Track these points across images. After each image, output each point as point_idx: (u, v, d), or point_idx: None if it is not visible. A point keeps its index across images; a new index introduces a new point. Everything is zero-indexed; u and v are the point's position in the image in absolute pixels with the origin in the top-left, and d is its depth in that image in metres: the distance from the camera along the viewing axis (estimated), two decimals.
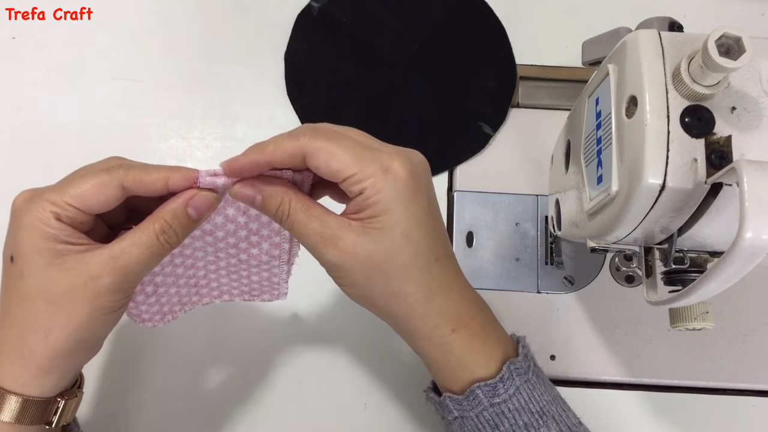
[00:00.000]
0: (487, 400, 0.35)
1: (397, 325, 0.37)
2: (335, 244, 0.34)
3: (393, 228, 0.33)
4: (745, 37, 0.28)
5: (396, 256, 0.34)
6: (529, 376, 0.36)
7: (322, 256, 0.34)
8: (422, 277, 0.35)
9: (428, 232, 0.34)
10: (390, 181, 0.33)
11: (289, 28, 0.57)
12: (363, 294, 0.35)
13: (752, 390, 0.50)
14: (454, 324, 0.36)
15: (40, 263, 0.33)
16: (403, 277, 0.34)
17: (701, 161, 0.30)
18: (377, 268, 0.34)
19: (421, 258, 0.34)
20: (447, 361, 0.36)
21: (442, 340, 0.36)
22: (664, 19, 0.37)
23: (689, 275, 0.36)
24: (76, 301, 0.33)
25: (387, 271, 0.34)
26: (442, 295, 0.35)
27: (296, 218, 0.34)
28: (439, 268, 0.35)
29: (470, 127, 0.55)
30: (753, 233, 0.27)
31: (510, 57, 0.57)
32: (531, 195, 0.54)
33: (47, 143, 0.54)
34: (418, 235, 0.34)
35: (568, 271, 0.52)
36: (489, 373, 0.36)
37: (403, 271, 0.34)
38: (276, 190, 0.35)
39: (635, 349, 0.50)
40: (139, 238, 0.34)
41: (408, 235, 0.34)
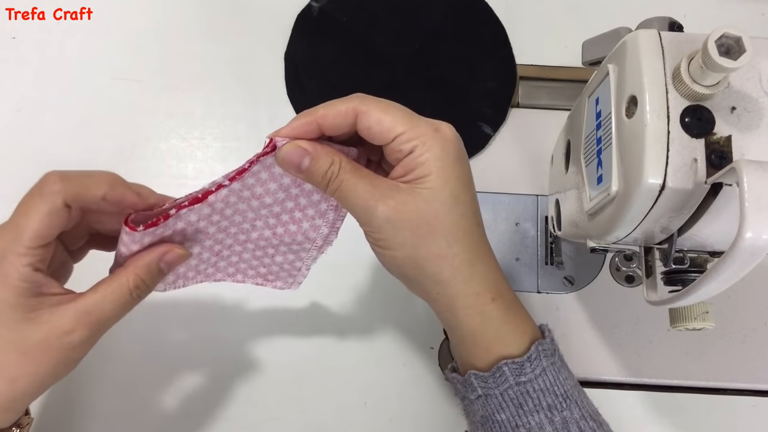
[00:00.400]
0: (513, 378, 0.35)
1: (441, 292, 0.36)
2: (386, 201, 0.34)
3: (443, 188, 0.34)
4: (745, 37, 0.28)
5: (446, 215, 0.34)
6: (555, 359, 0.36)
7: (372, 215, 0.34)
8: (468, 239, 0.35)
9: (473, 195, 0.35)
10: (440, 140, 0.34)
11: (289, 28, 0.57)
12: (410, 255, 0.35)
13: (752, 390, 0.50)
14: (494, 293, 0.36)
15: (13, 317, 0.33)
16: (451, 238, 0.34)
17: (701, 161, 0.30)
18: (427, 227, 0.34)
19: (468, 220, 0.35)
20: (485, 332, 0.36)
21: (482, 308, 0.36)
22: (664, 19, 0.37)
23: (689, 275, 0.36)
24: (47, 354, 0.34)
25: (436, 230, 0.34)
26: (484, 261, 0.36)
27: (345, 178, 0.34)
28: (480, 233, 0.36)
29: (470, 127, 0.55)
30: (753, 233, 0.27)
31: (510, 57, 0.57)
32: (531, 195, 0.54)
33: (47, 143, 0.54)
34: (465, 197, 0.34)
35: (568, 271, 0.52)
36: (518, 351, 0.36)
37: (452, 232, 0.34)
38: (326, 150, 0.35)
39: (635, 349, 0.50)
40: (111, 293, 0.34)
41: (456, 196, 0.34)
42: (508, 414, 0.35)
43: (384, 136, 0.34)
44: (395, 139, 0.34)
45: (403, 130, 0.33)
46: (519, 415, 0.35)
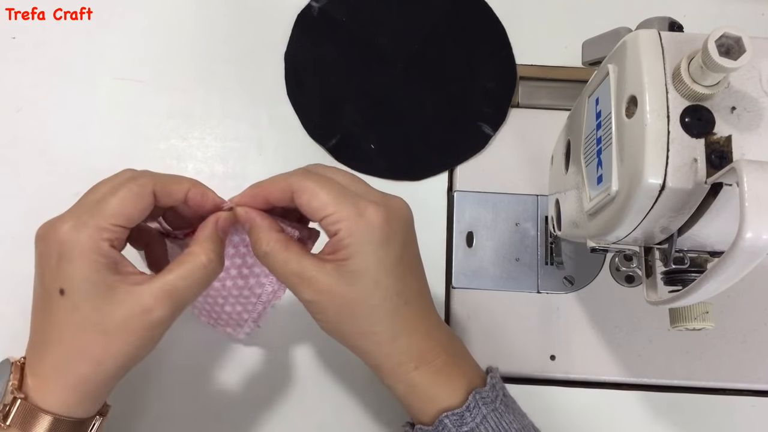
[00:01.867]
0: (455, 428, 0.36)
1: (367, 361, 0.39)
2: (311, 284, 0.36)
3: (363, 272, 0.35)
4: (745, 37, 0.28)
5: (366, 299, 0.36)
6: (496, 405, 0.37)
7: (299, 295, 0.37)
8: (389, 319, 0.36)
9: (398, 276, 0.36)
10: (363, 225, 0.35)
11: (289, 28, 0.57)
12: (335, 329, 0.38)
13: (752, 390, 0.50)
14: (417, 362, 0.37)
15: (94, 296, 0.33)
16: (372, 318, 0.36)
17: (701, 161, 0.30)
18: (348, 309, 0.36)
19: (389, 301, 0.36)
20: (413, 395, 0.38)
21: (405, 376, 0.38)
22: (664, 19, 0.37)
23: (689, 275, 0.36)
24: (130, 333, 0.34)
25: (357, 311, 0.36)
26: (408, 336, 0.37)
27: (275, 256, 0.36)
28: (407, 310, 0.37)
29: (470, 127, 0.55)
30: (753, 233, 0.27)
31: (510, 57, 0.57)
32: (531, 195, 0.54)
33: (47, 143, 0.54)
34: (386, 281, 0.36)
35: (568, 271, 0.52)
36: (456, 403, 0.37)
37: (372, 313, 0.36)
38: (263, 224, 0.37)
39: (635, 349, 0.50)
40: (188, 270, 0.35)
41: (377, 280, 0.36)
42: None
43: (314, 215, 0.36)
44: (323, 219, 0.35)
45: (330, 211, 0.35)
46: None
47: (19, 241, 0.51)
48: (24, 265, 0.51)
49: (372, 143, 0.55)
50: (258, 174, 0.53)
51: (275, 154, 0.55)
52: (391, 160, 0.54)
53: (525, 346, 0.50)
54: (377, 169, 0.54)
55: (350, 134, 0.55)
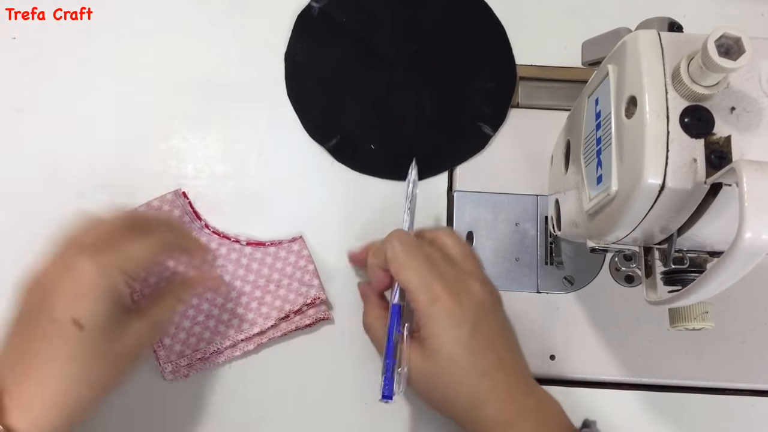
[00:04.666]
0: None
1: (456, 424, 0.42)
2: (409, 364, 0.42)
3: (438, 350, 0.40)
4: (745, 38, 0.28)
5: (443, 373, 0.40)
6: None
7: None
8: (467, 391, 0.40)
9: (472, 352, 0.40)
10: (436, 310, 0.40)
11: (289, 28, 0.57)
12: (426, 399, 0.42)
13: (752, 390, 0.50)
14: (501, 428, 0.40)
15: (107, 329, 0.37)
16: (451, 390, 0.40)
17: (701, 161, 0.30)
18: (431, 382, 0.41)
19: (466, 374, 0.40)
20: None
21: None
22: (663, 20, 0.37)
23: (689, 275, 0.36)
24: (129, 361, 0.39)
25: (438, 384, 0.41)
26: (487, 405, 0.40)
27: (375, 331, 0.45)
28: (484, 381, 0.40)
29: (470, 127, 0.55)
30: (753, 233, 0.27)
31: (510, 57, 0.57)
32: (531, 195, 0.54)
33: (47, 143, 0.54)
34: (461, 355, 0.40)
35: (568, 271, 0.52)
36: None
37: (450, 386, 0.40)
38: (372, 300, 0.47)
39: (635, 349, 0.50)
40: (167, 305, 0.42)
41: (452, 355, 0.40)
42: None
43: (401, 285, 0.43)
44: (407, 293, 0.42)
45: (410, 290, 0.41)
46: None
47: (19, 241, 0.51)
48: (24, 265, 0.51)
49: (372, 143, 0.55)
50: (258, 174, 0.54)
51: (275, 154, 0.55)
52: (391, 160, 0.54)
53: (525, 346, 0.50)
54: (377, 169, 0.54)
55: (350, 134, 0.55)
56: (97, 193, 0.52)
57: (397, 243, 0.43)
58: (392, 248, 0.43)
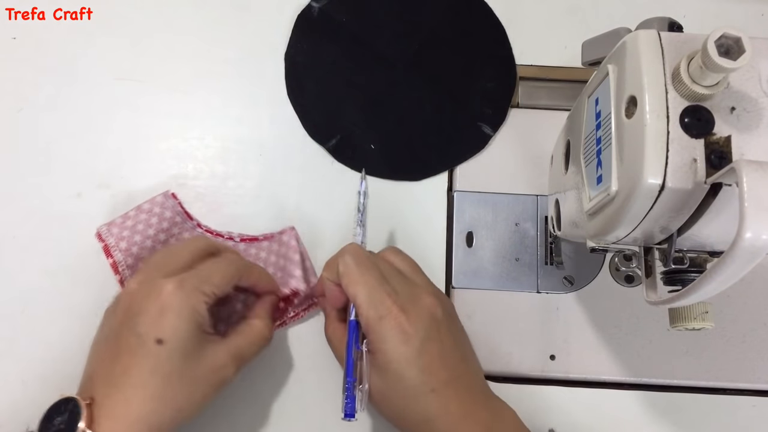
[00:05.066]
0: None
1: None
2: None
3: (387, 368, 0.40)
4: (745, 38, 0.28)
5: (393, 390, 0.40)
6: None
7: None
8: (418, 408, 0.40)
9: (421, 368, 0.39)
10: (384, 327, 0.39)
11: (289, 28, 0.57)
12: (380, 412, 0.42)
13: (752, 390, 0.50)
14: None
15: (187, 349, 0.39)
16: (401, 407, 0.40)
17: (701, 161, 0.30)
18: (382, 396, 0.41)
19: (414, 391, 0.39)
20: None
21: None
22: (663, 20, 0.37)
23: (689, 275, 0.36)
24: (208, 386, 0.40)
25: (389, 399, 0.40)
26: (441, 420, 0.39)
27: (332, 342, 0.45)
28: (434, 397, 0.39)
29: (470, 127, 0.55)
30: (752, 233, 0.27)
31: (510, 57, 0.57)
32: (531, 195, 0.54)
33: (47, 143, 0.54)
34: (409, 373, 0.39)
35: (567, 271, 0.52)
36: None
37: (401, 402, 0.40)
38: (331, 314, 0.46)
39: (635, 349, 0.50)
40: (253, 338, 0.43)
41: (400, 373, 0.39)
42: None
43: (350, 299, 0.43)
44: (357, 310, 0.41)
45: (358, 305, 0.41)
46: None
47: (20, 241, 0.51)
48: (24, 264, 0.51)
49: (372, 143, 0.55)
50: (258, 174, 0.54)
51: (275, 154, 0.55)
52: (391, 160, 0.54)
53: (525, 346, 0.50)
54: (377, 169, 0.54)
55: (350, 134, 0.55)
56: (97, 193, 0.52)
57: (349, 257, 0.42)
58: (344, 262, 0.42)
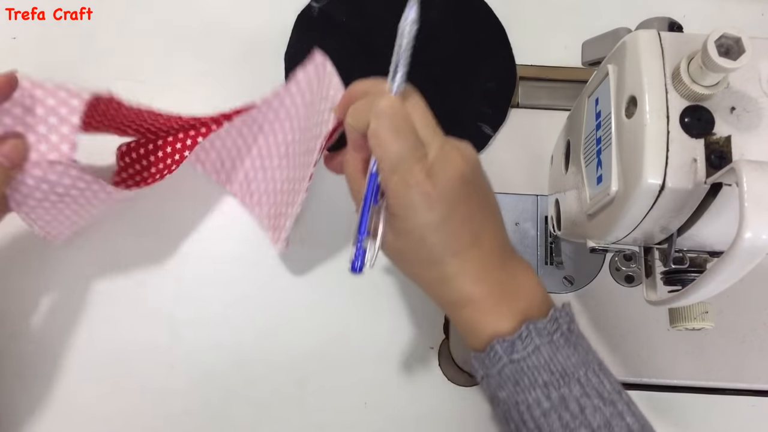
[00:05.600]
0: (507, 356, 0.37)
1: (430, 295, 0.41)
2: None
3: (411, 232, 0.38)
4: (745, 38, 0.28)
5: (413, 252, 0.39)
6: (554, 337, 0.37)
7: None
8: (436, 268, 0.38)
9: (446, 233, 0.38)
10: (411, 194, 0.37)
11: (289, 28, 0.57)
12: (397, 267, 0.41)
13: (752, 390, 0.50)
14: (466, 302, 0.39)
15: None
16: (421, 267, 0.39)
17: (701, 161, 0.30)
18: (401, 258, 0.40)
19: (437, 254, 0.38)
20: (465, 329, 0.40)
21: (455, 313, 0.40)
22: (663, 20, 0.37)
23: (689, 275, 0.36)
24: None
25: (408, 261, 0.40)
26: (456, 280, 0.38)
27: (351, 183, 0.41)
28: (456, 260, 0.38)
29: (470, 127, 0.55)
30: (752, 233, 0.27)
31: (510, 57, 0.57)
32: (531, 195, 0.54)
33: None
34: (432, 238, 0.37)
35: (568, 271, 0.52)
36: (509, 332, 0.38)
37: (421, 264, 0.39)
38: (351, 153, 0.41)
39: (635, 349, 0.50)
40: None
41: (422, 238, 0.38)
42: (507, 392, 0.37)
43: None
44: (382, 174, 0.38)
45: (382, 169, 0.38)
46: (517, 392, 0.37)
47: (21, 241, 0.51)
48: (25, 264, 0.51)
49: None
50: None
51: None
52: None
53: None
54: None
55: None
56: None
57: (386, 118, 0.38)
58: (378, 122, 0.38)
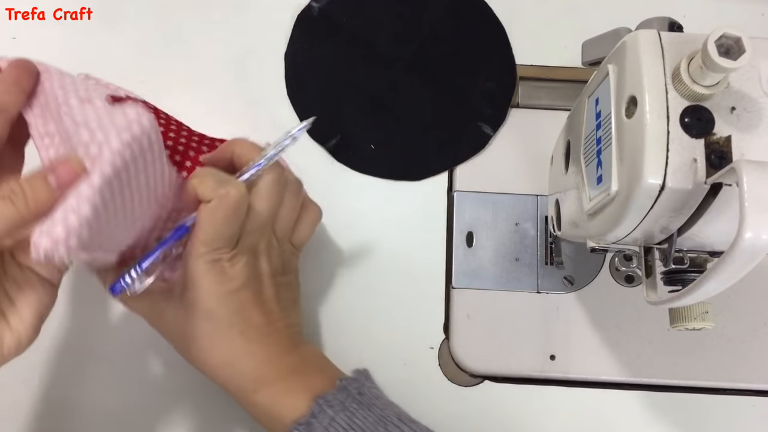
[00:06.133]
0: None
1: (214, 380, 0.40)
2: (158, 317, 0.40)
3: (198, 303, 0.38)
4: (745, 37, 0.28)
5: (198, 327, 0.38)
6: (346, 404, 0.38)
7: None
8: (222, 347, 0.38)
9: (235, 309, 0.38)
10: (206, 267, 0.37)
11: (289, 28, 0.57)
12: (180, 349, 0.41)
13: (752, 390, 0.50)
14: (255, 385, 0.39)
15: None
16: (205, 346, 0.39)
17: (701, 161, 0.30)
18: (184, 335, 0.39)
19: (222, 332, 0.38)
20: (261, 416, 0.40)
21: (246, 399, 0.39)
22: (663, 19, 0.37)
23: (689, 275, 0.36)
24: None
25: (193, 338, 0.39)
26: (245, 362, 0.39)
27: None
28: (243, 340, 0.38)
29: (470, 127, 0.55)
30: (753, 233, 0.27)
31: (510, 57, 0.57)
32: (531, 195, 0.54)
33: None
34: (220, 313, 0.38)
35: (568, 271, 0.52)
36: (303, 414, 0.37)
37: (205, 341, 0.38)
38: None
39: (635, 349, 0.50)
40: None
41: (210, 311, 0.38)
42: None
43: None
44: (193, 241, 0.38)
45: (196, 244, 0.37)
46: None
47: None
48: None
49: (372, 143, 0.55)
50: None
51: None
52: (391, 160, 0.54)
53: (525, 346, 0.50)
54: (377, 170, 0.54)
55: (350, 134, 0.55)
56: None
57: (227, 206, 0.36)
58: (219, 203, 0.36)
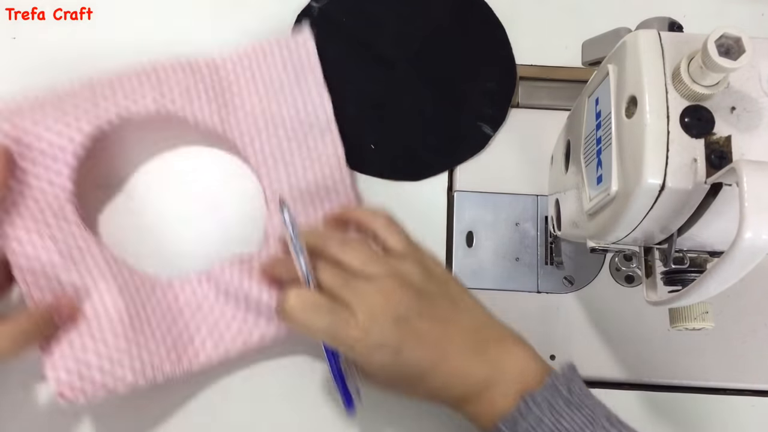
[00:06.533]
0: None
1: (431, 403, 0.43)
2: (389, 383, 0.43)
3: (376, 375, 0.41)
4: (745, 37, 0.28)
5: (395, 381, 0.41)
6: (555, 404, 0.38)
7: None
8: (424, 385, 0.40)
9: (410, 361, 0.39)
10: (355, 354, 0.39)
11: (289, 28, 0.57)
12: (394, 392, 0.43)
13: (752, 390, 0.50)
14: (462, 402, 0.41)
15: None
16: (411, 388, 0.41)
17: (701, 161, 0.30)
18: (390, 387, 0.42)
19: (415, 377, 0.40)
20: (474, 422, 0.41)
21: (461, 412, 0.41)
22: (663, 19, 0.37)
23: (689, 275, 0.36)
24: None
25: (398, 387, 0.42)
26: (446, 389, 0.40)
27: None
28: (436, 372, 0.40)
29: (470, 127, 0.55)
30: (753, 233, 0.27)
31: (510, 57, 0.57)
32: (531, 195, 0.54)
33: None
34: (401, 370, 0.39)
35: (568, 271, 0.52)
36: (508, 410, 0.38)
37: (409, 386, 0.41)
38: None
39: (635, 349, 0.50)
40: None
41: (390, 376, 0.40)
42: None
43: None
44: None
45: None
46: None
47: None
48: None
49: (372, 143, 0.55)
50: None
51: None
52: (391, 160, 0.54)
53: None
54: (377, 169, 0.54)
55: (350, 134, 0.55)
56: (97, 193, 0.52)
57: (297, 313, 0.39)
58: (290, 307, 0.39)
